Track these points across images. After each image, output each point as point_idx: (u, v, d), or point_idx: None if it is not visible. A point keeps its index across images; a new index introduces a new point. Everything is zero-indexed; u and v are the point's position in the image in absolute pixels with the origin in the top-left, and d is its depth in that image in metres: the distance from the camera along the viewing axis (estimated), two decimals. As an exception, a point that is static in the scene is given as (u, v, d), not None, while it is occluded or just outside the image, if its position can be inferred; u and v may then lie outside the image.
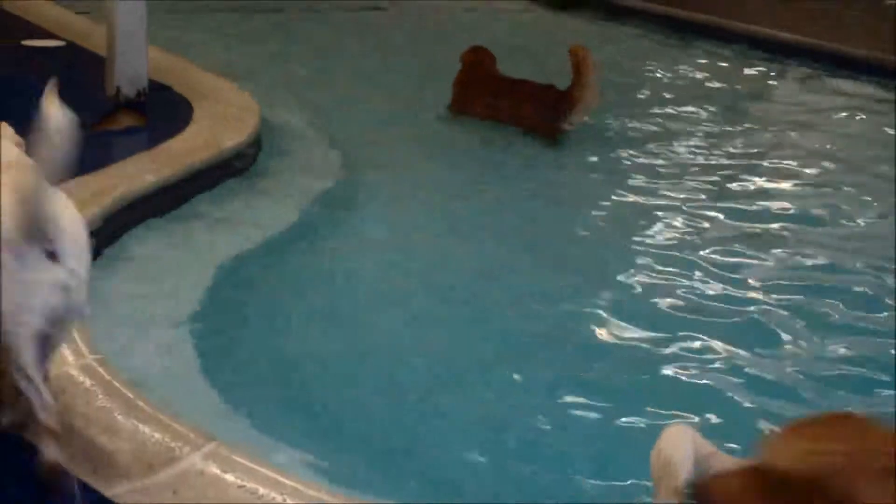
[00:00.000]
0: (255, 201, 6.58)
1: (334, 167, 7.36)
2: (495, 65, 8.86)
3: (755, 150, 8.59)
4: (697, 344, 5.36)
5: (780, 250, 6.62)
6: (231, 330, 5.10)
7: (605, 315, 5.58)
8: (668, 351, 5.30)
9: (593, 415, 4.68)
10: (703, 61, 11.55)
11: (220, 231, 6.06)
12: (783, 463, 2.40)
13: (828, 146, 8.76)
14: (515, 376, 4.97)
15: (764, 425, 4.56)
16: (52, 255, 3.29)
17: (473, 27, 12.23)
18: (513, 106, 8.48)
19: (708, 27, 12.53)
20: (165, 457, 3.50)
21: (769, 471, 2.42)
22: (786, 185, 7.90)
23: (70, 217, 3.43)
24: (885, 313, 5.78)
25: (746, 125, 9.32)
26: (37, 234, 3.26)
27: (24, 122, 6.01)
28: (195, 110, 7.42)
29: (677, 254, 6.49)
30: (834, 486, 2.33)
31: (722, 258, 6.45)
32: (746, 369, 5.14)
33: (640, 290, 6.00)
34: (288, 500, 3.29)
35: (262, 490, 3.34)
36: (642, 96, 10.10)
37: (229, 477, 3.41)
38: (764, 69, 11.27)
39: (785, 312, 5.72)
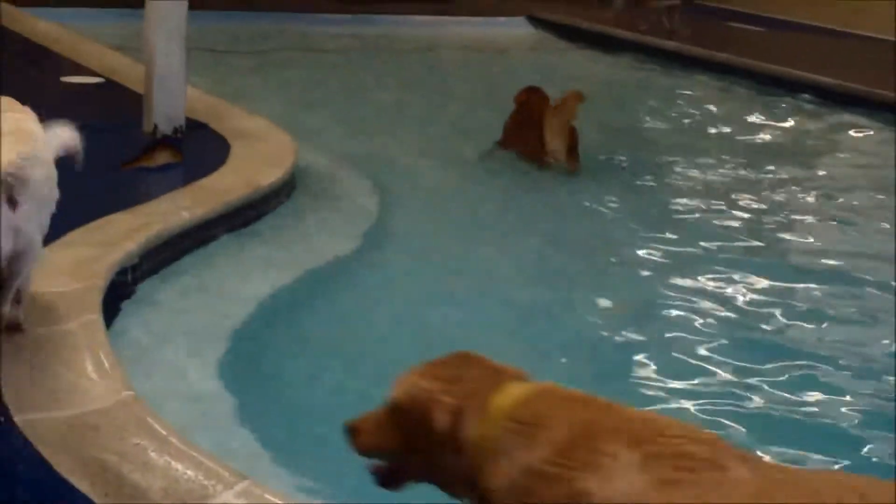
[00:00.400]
0: (289, 240, 6.57)
1: (370, 207, 7.36)
2: (548, 104, 8.90)
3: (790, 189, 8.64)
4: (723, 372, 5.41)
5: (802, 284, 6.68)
6: (264, 369, 5.08)
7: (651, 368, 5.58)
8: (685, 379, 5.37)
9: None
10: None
11: (254, 270, 6.06)
12: (396, 395, 2.78)
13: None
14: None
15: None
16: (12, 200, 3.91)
17: (511, 70, 12.32)
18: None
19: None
20: (198, 494, 3.48)
21: (392, 405, 2.80)
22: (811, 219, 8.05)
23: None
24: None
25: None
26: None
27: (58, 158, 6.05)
28: (231, 148, 7.45)
29: (708, 288, 6.57)
30: (416, 412, 2.72)
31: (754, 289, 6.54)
32: (770, 406, 5.15)
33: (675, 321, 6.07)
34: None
35: (294, 530, 3.32)
36: (669, 133, 10.15)
37: (261, 516, 3.40)
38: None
39: (804, 340, 5.83)
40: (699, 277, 6.68)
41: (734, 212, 8.06)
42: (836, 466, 4.56)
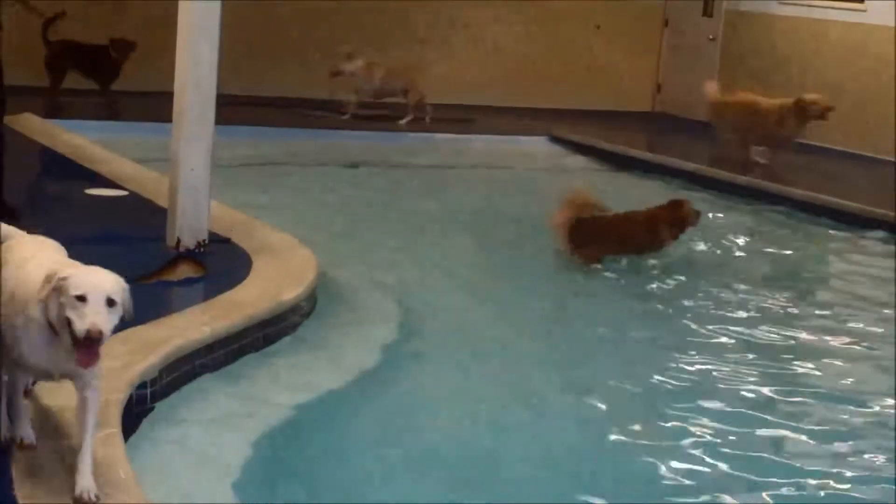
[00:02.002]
0: (310, 356, 6.56)
1: (392, 323, 7.35)
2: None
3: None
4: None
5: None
6: (283, 488, 5.03)
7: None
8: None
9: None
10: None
11: (275, 385, 6.04)
12: None
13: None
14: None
15: None
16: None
17: (532, 187, 12.42)
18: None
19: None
20: None
21: None
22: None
23: None
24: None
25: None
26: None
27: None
28: (254, 263, 7.48)
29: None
30: None
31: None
32: None
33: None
34: None
35: None
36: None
37: None
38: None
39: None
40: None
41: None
42: None
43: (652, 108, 19.53)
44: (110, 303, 4.02)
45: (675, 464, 5.72)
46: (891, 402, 6.77)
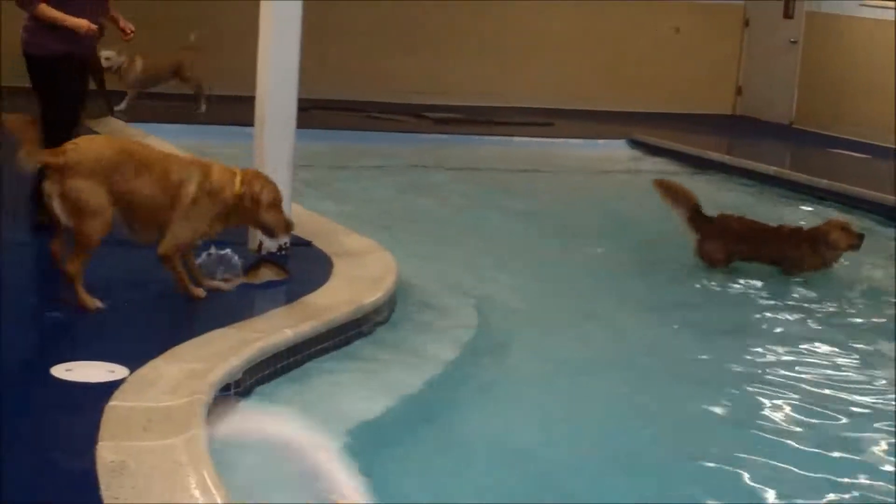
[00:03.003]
0: (389, 360, 6.57)
1: (472, 328, 7.31)
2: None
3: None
4: None
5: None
6: (366, 490, 5.04)
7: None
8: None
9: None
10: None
11: (354, 389, 6.06)
12: None
13: None
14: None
15: None
16: None
17: (612, 191, 12.35)
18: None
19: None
20: None
21: None
22: None
23: None
24: None
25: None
26: None
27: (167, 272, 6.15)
28: (335, 266, 7.53)
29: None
30: None
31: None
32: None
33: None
34: None
35: None
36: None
37: None
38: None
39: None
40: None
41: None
42: None
43: (732, 112, 19.38)
44: None
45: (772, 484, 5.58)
46: None
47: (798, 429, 6.21)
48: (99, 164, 6.29)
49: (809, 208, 12.14)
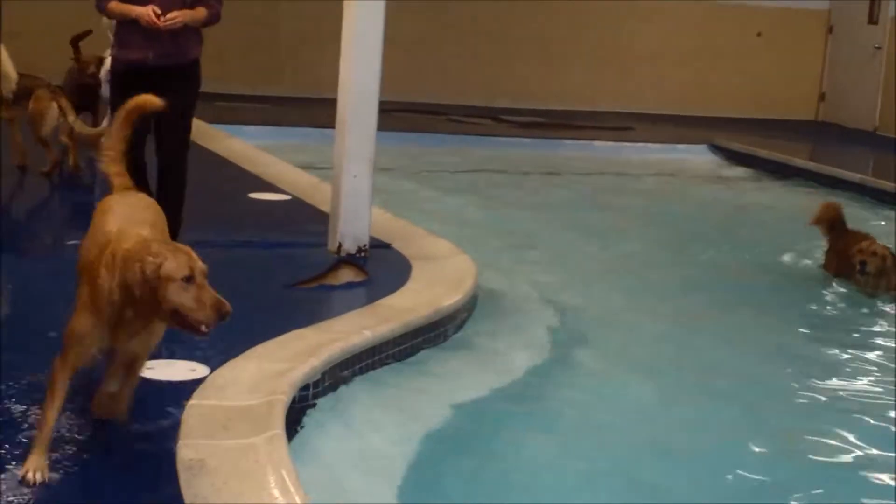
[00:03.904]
0: (468, 363, 6.55)
1: (552, 332, 7.28)
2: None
3: None
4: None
5: None
6: (441, 494, 5.03)
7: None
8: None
9: None
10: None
11: (433, 390, 6.05)
12: None
13: None
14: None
15: None
16: None
17: (694, 197, 12.23)
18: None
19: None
20: None
21: None
22: None
23: None
24: None
25: None
26: None
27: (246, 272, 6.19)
28: (414, 269, 7.52)
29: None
30: None
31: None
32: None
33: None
34: None
35: None
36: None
37: None
38: None
39: None
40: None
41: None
42: None
43: (815, 117, 19.17)
44: None
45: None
46: None
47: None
48: None
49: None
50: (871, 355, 7.56)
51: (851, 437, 6.08)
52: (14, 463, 4.27)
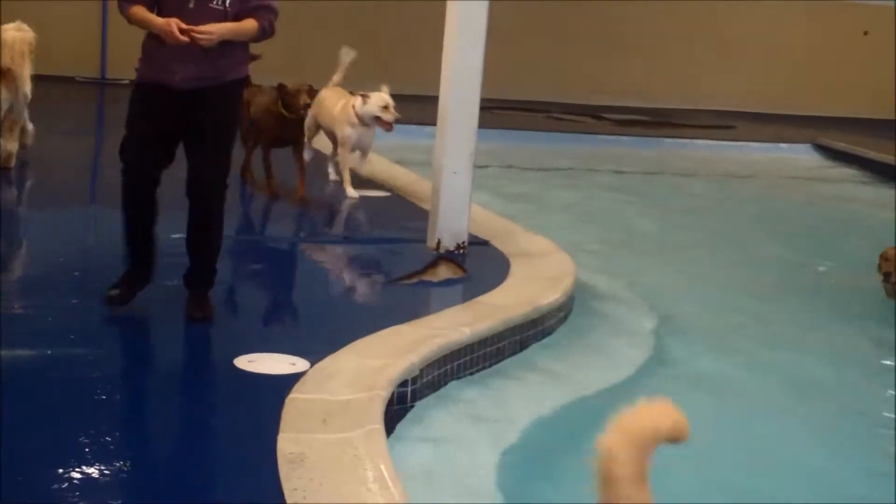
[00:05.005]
0: (565, 362, 6.51)
1: (649, 333, 7.22)
2: None
3: None
4: None
5: None
6: (538, 493, 5.02)
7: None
8: None
9: None
10: None
11: (529, 389, 6.04)
12: None
13: None
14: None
15: None
16: None
17: (798, 199, 12.07)
18: None
19: None
20: None
21: None
22: None
23: None
24: None
25: None
26: None
27: (346, 268, 6.17)
28: (512, 267, 7.52)
29: None
30: None
31: None
32: None
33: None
34: None
35: None
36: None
37: None
38: None
39: None
40: None
41: None
42: None
43: (922, 117, 18.83)
44: None
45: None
46: None
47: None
48: None
49: None
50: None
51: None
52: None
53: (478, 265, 7.60)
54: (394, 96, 9.35)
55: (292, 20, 10.05)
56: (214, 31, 5.62)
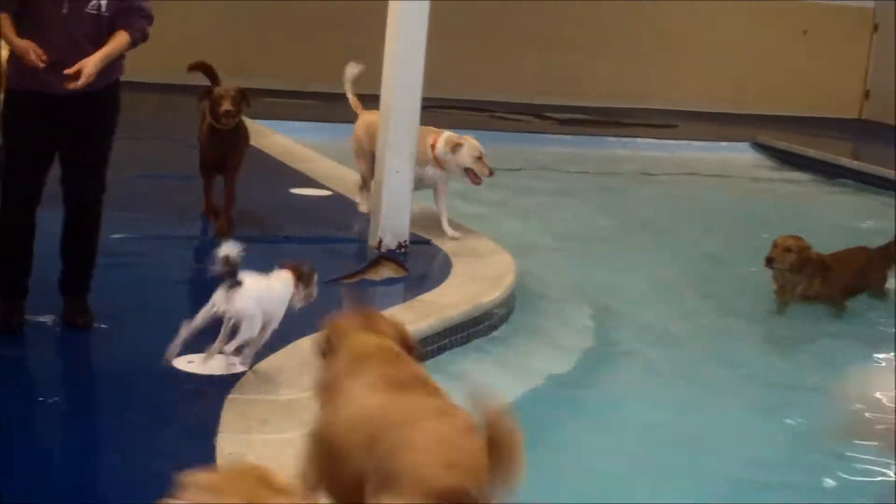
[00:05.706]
0: (506, 359, 6.57)
1: (589, 331, 7.28)
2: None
3: None
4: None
5: None
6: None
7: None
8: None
9: None
10: None
11: (470, 385, 6.05)
12: None
13: None
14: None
15: None
16: None
17: (737, 197, 12.14)
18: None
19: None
20: None
21: None
22: None
23: None
24: None
25: None
26: None
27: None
28: (454, 265, 7.54)
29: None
30: None
31: None
32: None
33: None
34: None
35: None
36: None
37: None
38: None
39: None
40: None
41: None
42: None
43: (859, 115, 19.03)
44: None
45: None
46: None
47: None
48: None
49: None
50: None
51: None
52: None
53: (419, 264, 7.62)
54: (334, 95, 9.29)
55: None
56: (91, 70, 5.47)
